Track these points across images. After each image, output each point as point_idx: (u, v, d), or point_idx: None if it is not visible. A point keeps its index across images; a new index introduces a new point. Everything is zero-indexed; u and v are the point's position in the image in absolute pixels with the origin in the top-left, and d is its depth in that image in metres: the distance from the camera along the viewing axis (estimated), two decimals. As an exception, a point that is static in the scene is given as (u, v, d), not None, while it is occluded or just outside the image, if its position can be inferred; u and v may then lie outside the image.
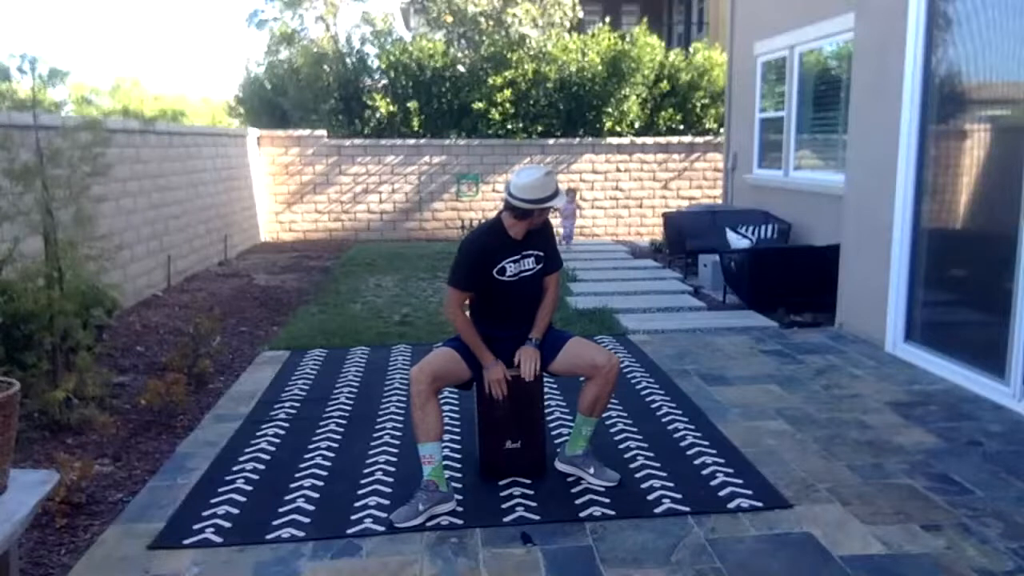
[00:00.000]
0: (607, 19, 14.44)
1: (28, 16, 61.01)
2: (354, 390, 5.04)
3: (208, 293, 8.24)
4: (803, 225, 8.42)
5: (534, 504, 3.43)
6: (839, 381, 5.14)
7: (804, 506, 3.40)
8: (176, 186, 8.92)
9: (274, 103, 15.24)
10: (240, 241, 11.53)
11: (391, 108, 13.14)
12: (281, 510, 3.40)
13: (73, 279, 4.67)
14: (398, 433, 4.27)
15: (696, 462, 3.85)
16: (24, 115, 5.12)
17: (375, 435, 4.26)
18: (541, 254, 3.62)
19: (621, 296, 7.81)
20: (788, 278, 7.22)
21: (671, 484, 3.60)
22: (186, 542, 3.14)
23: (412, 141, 12.94)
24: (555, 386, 4.89)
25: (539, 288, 3.67)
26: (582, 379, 3.66)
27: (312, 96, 13.66)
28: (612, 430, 4.29)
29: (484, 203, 12.99)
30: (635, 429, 4.31)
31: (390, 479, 3.69)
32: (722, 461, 3.85)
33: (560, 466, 3.73)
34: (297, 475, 3.76)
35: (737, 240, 8.42)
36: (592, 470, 3.61)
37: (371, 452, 4.02)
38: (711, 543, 3.10)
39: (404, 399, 4.80)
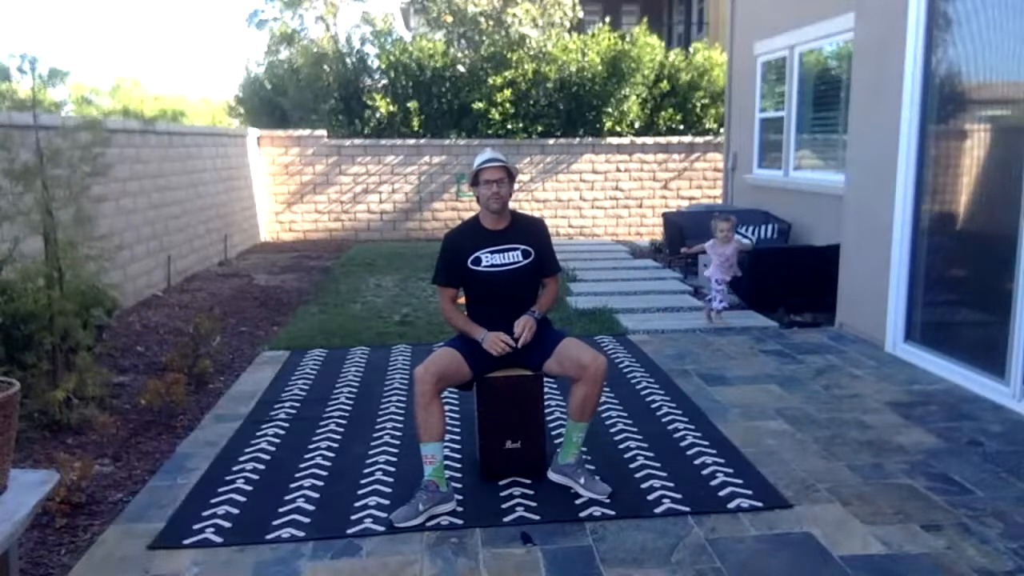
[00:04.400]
0: (607, 19, 14.44)
1: (28, 16, 61.02)
2: (354, 390, 5.04)
3: (208, 293, 8.24)
4: (803, 225, 8.42)
5: (534, 504, 3.43)
6: (839, 381, 5.14)
7: (804, 506, 3.40)
8: (176, 186, 8.92)
9: (274, 103, 15.25)
10: (240, 241, 11.53)
11: (391, 108, 13.14)
12: (281, 510, 3.40)
13: (73, 279, 4.67)
14: (398, 433, 4.27)
15: (696, 462, 3.85)
16: (24, 115, 5.12)
17: (375, 435, 4.26)
18: (530, 249, 3.66)
19: (621, 296, 7.81)
20: (788, 278, 7.22)
21: (671, 484, 3.60)
22: (186, 542, 3.14)
23: (412, 141, 12.94)
24: (555, 386, 4.89)
25: (531, 286, 3.70)
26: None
27: (312, 96, 13.66)
28: (612, 430, 4.29)
29: (484, 203, 12.97)
30: (635, 429, 4.31)
31: (390, 479, 3.69)
32: (722, 461, 3.85)
33: (553, 476, 3.65)
34: (297, 475, 3.76)
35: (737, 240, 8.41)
36: (583, 480, 3.55)
37: (371, 452, 4.02)
38: (711, 543, 3.10)
39: (404, 399, 4.81)
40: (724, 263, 6.60)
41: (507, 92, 12.87)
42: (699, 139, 13.27)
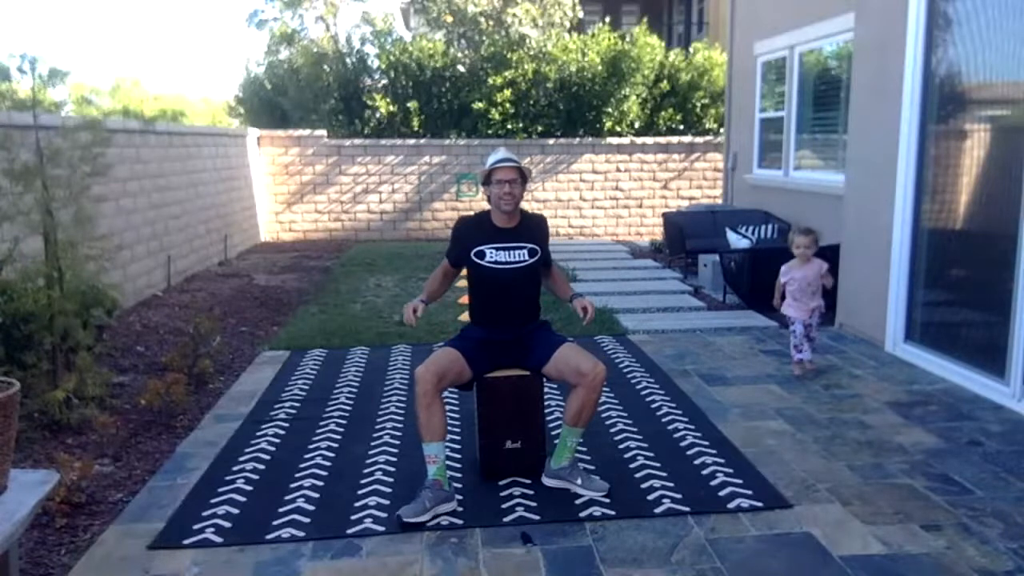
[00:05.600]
0: (607, 19, 14.43)
1: (28, 16, 61.02)
2: (354, 390, 5.04)
3: (208, 293, 8.24)
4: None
5: (534, 504, 3.43)
6: (839, 381, 5.14)
7: (804, 506, 3.40)
8: (176, 186, 8.92)
9: (274, 103, 15.24)
10: (240, 241, 11.53)
11: (391, 108, 13.14)
12: (281, 510, 3.40)
13: (73, 279, 4.67)
14: (398, 433, 4.27)
15: (696, 462, 3.85)
16: (24, 115, 5.12)
17: (375, 435, 4.26)
18: (537, 248, 3.68)
19: (621, 296, 7.81)
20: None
21: (671, 484, 3.60)
22: (186, 542, 3.14)
23: (412, 141, 12.94)
24: (555, 386, 4.89)
25: (534, 282, 3.71)
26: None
27: (312, 96, 13.66)
28: (612, 430, 4.29)
29: (484, 203, 12.86)
30: (635, 429, 4.31)
31: (390, 479, 3.69)
32: (722, 461, 3.85)
33: (548, 481, 3.62)
34: (297, 475, 3.76)
35: (737, 240, 8.41)
36: (580, 481, 3.55)
37: (371, 452, 4.02)
38: (711, 543, 3.10)
39: (404, 399, 4.81)
40: (805, 291, 5.21)
41: (507, 92, 12.87)
42: (699, 139, 13.27)
